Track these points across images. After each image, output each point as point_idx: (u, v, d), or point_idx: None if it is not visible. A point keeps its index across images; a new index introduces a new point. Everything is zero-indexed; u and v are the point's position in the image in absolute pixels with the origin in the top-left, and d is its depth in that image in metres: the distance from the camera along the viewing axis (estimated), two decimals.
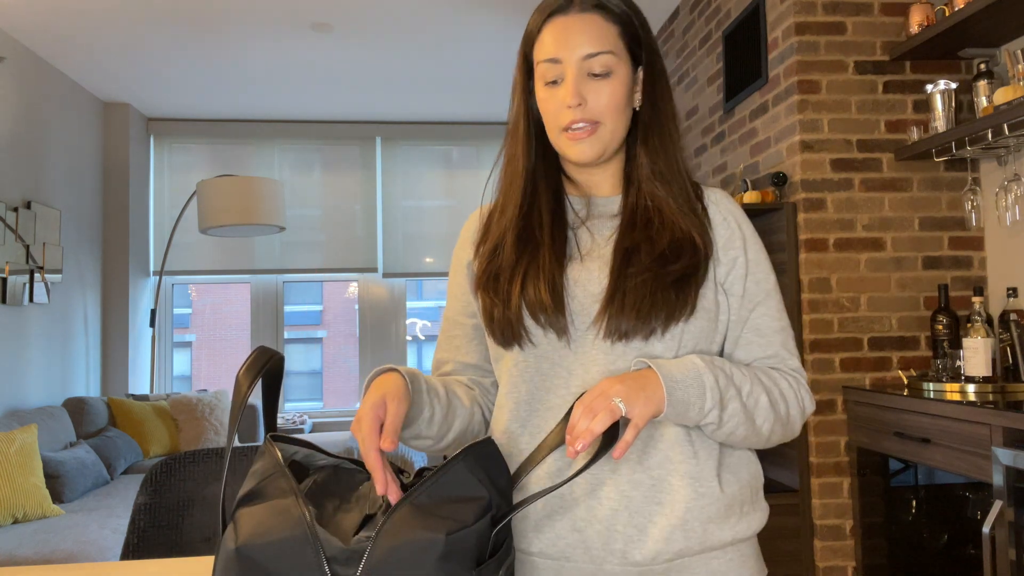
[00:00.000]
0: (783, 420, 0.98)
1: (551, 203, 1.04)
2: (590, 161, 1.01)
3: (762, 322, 1.02)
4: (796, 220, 2.67)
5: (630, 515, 0.92)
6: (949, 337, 2.49)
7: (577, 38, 0.97)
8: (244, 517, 0.80)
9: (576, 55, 0.97)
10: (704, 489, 0.94)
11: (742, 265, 1.02)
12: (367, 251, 5.53)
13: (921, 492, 2.42)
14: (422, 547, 0.75)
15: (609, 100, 0.98)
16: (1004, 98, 2.21)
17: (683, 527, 0.92)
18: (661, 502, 0.93)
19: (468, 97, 5.10)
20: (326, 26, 3.88)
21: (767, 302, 1.03)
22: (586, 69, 0.98)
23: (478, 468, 0.82)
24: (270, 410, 0.95)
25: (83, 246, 4.71)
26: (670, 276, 0.95)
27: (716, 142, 3.40)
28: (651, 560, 0.92)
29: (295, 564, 0.75)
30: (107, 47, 4.13)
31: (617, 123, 1.00)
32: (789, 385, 1.00)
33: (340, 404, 11.95)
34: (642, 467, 0.94)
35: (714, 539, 0.94)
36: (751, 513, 0.99)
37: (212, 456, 1.72)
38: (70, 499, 3.53)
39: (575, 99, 0.97)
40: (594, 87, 0.98)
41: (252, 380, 0.87)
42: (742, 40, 3.07)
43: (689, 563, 0.94)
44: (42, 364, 4.18)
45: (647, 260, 0.96)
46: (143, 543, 1.62)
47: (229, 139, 5.49)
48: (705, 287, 0.99)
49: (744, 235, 1.04)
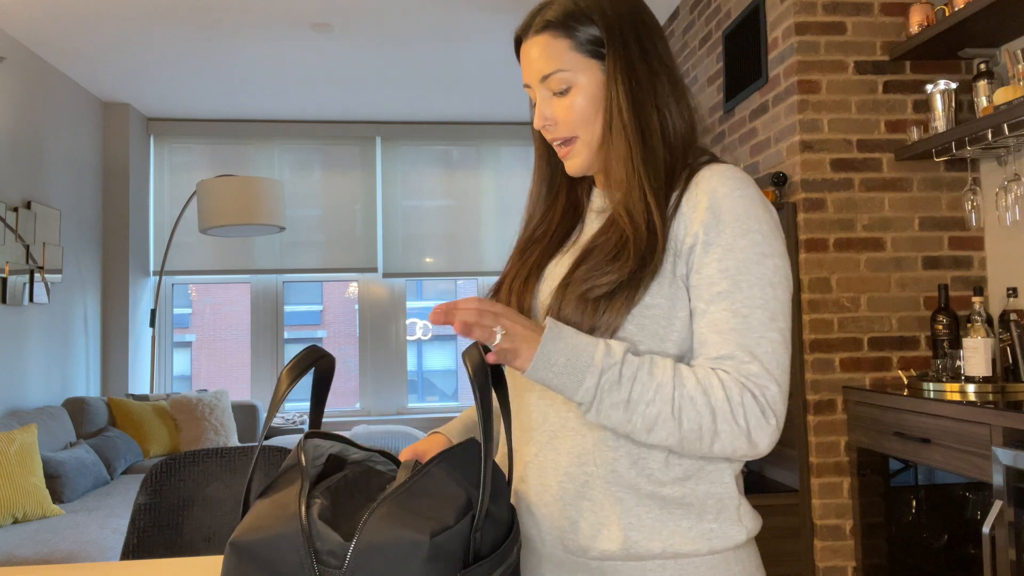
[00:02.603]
0: (700, 435, 0.87)
1: (566, 200, 1.09)
2: (582, 173, 1.03)
3: (719, 317, 0.90)
4: (796, 220, 2.67)
5: (563, 506, 0.94)
6: (949, 337, 2.49)
7: (533, 62, 1.00)
8: (252, 509, 0.83)
9: (535, 79, 1.01)
10: (622, 494, 0.92)
11: (699, 254, 0.92)
12: (367, 251, 5.53)
13: (921, 492, 2.42)
14: (407, 548, 0.75)
15: (569, 114, 0.99)
16: (1004, 98, 2.21)
17: (607, 527, 0.92)
18: (590, 498, 0.93)
19: (468, 97, 5.10)
20: (326, 26, 3.88)
21: (731, 295, 0.90)
22: (549, 89, 1.00)
23: (456, 470, 0.83)
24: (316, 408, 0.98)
25: (83, 246, 4.71)
26: (601, 288, 0.92)
27: (716, 142, 3.40)
28: (583, 553, 0.93)
29: (283, 559, 0.76)
30: (107, 47, 4.13)
31: (592, 133, 1.00)
32: (726, 397, 0.87)
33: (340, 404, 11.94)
34: (579, 461, 0.94)
35: (638, 548, 0.91)
36: (698, 530, 0.92)
37: (212, 456, 1.72)
38: (70, 499, 3.53)
39: (540, 122, 1.01)
40: (558, 105, 1.00)
41: (294, 379, 0.88)
42: (742, 40, 3.07)
43: (620, 568, 0.92)
44: (42, 364, 4.19)
45: (592, 262, 0.95)
46: (143, 543, 1.62)
47: (229, 139, 5.49)
48: (656, 283, 0.93)
49: (717, 217, 0.92)
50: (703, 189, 0.94)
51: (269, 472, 1.68)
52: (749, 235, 0.91)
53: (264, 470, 1.68)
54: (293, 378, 0.88)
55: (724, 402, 0.87)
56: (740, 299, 0.90)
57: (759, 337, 0.89)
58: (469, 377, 0.84)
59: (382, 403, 5.54)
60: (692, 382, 0.88)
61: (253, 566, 0.77)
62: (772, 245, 0.92)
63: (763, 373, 0.88)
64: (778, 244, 0.93)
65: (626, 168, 0.97)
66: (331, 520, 0.79)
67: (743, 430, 0.87)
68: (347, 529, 0.78)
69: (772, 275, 0.91)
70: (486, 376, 0.83)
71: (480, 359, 0.84)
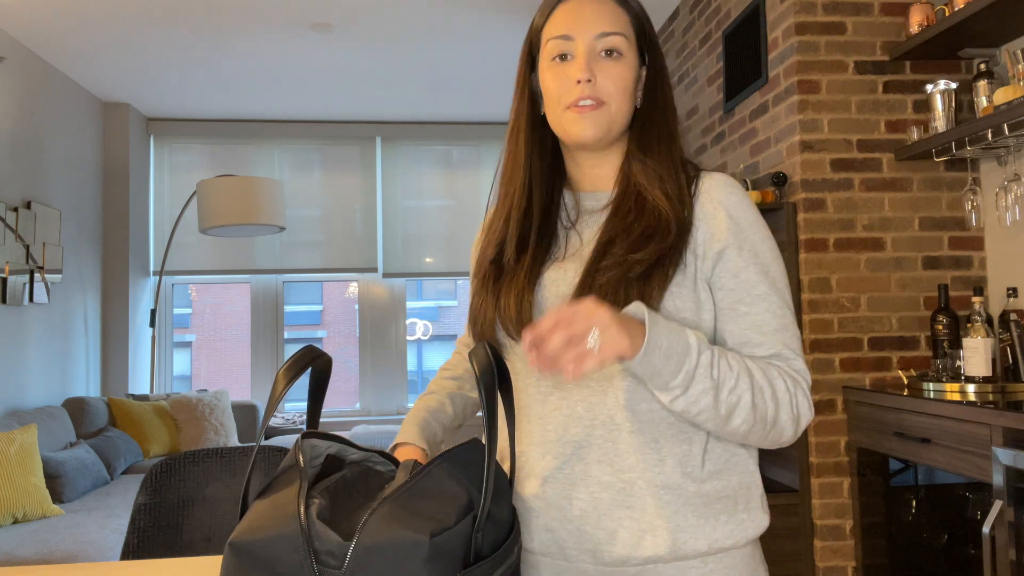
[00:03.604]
0: (765, 422, 0.91)
1: (546, 202, 1.05)
2: (591, 140, 0.98)
3: (763, 319, 0.95)
4: (796, 220, 2.67)
5: (599, 517, 0.92)
6: (949, 337, 2.49)
7: (592, 17, 0.98)
8: (250, 510, 0.82)
9: (590, 33, 0.97)
10: (669, 497, 0.92)
11: (733, 257, 0.95)
12: (367, 251, 5.53)
13: (921, 492, 2.42)
14: (407, 548, 0.75)
15: (618, 80, 0.98)
16: (1004, 98, 2.21)
17: (652, 532, 0.91)
18: (631, 506, 0.92)
19: (468, 97, 5.10)
20: (326, 26, 3.88)
21: (769, 297, 0.96)
22: (599, 48, 0.98)
23: (457, 470, 0.83)
24: (313, 408, 0.98)
25: (83, 246, 4.71)
26: (637, 268, 0.92)
27: (716, 142, 3.40)
28: (622, 563, 0.92)
29: (282, 559, 0.76)
30: (107, 47, 4.13)
31: (622, 106, 0.99)
32: (786, 388, 0.92)
33: (340, 404, 11.94)
34: (612, 470, 0.93)
35: (686, 548, 0.91)
36: (735, 522, 0.94)
37: (212, 456, 1.72)
38: (70, 499, 3.53)
39: (586, 73, 0.96)
40: (604, 66, 0.97)
41: (290, 379, 0.88)
42: (742, 40, 3.07)
43: (663, 570, 0.92)
44: (42, 364, 4.19)
45: (620, 251, 0.94)
46: (143, 543, 1.62)
47: (229, 139, 5.50)
48: (682, 285, 0.94)
49: (738, 224, 0.96)
50: (715, 198, 0.98)
51: (268, 472, 1.68)
52: (766, 241, 0.99)
53: (264, 470, 1.68)
54: (290, 378, 0.88)
55: (785, 393, 0.93)
56: (776, 301, 0.96)
57: (793, 335, 0.97)
58: (476, 377, 0.83)
59: (382, 403, 5.54)
60: (759, 373, 0.92)
61: (252, 566, 0.77)
62: (775, 247, 1.01)
63: (804, 369, 0.97)
64: (775, 247, 1.02)
65: (667, 160, 1.00)
66: (330, 520, 0.79)
67: (794, 419, 0.93)
68: (346, 529, 0.78)
69: (784, 275, 1.00)
70: (493, 377, 0.82)
71: (488, 359, 0.82)
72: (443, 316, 13.23)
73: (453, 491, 0.81)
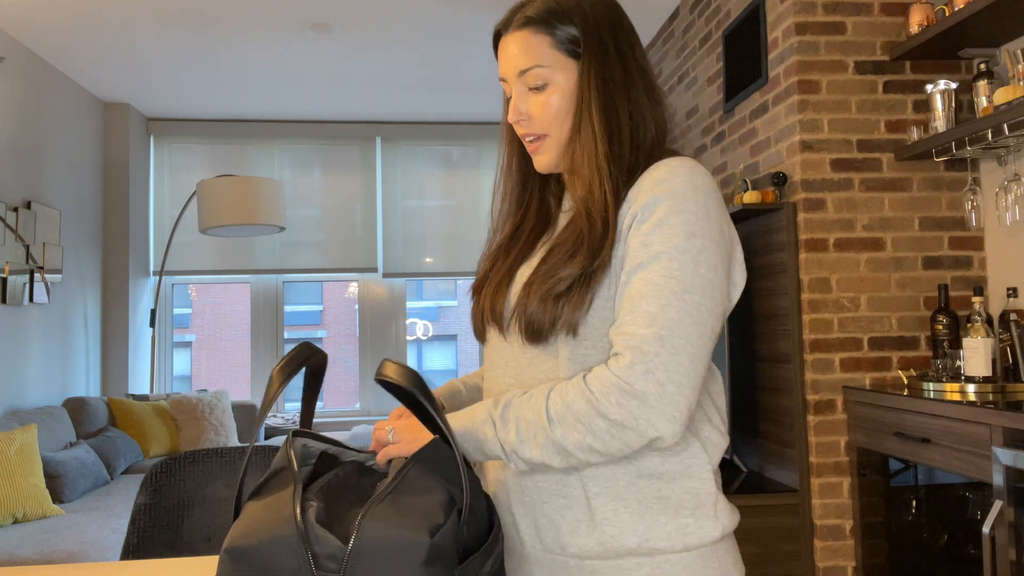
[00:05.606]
0: (593, 449, 0.87)
1: (538, 203, 1.11)
2: (550, 170, 1.05)
3: (636, 287, 0.89)
4: (796, 220, 2.67)
5: (541, 504, 0.96)
6: (949, 337, 2.49)
7: (513, 55, 1.01)
8: (244, 512, 0.82)
9: (513, 73, 1.02)
10: (598, 488, 0.93)
11: (635, 229, 0.92)
12: (367, 251, 5.53)
13: (921, 492, 2.42)
14: (406, 548, 0.75)
15: (544, 111, 1.00)
16: (1004, 98, 2.21)
17: (584, 523, 0.93)
18: (566, 496, 0.95)
19: (468, 97, 5.10)
20: (326, 26, 3.88)
21: (651, 265, 0.88)
22: (525, 84, 1.01)
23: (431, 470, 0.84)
24: (308, 406, 0.99)
25: (83, 246, 4.71)
26: (561, 285, 0.94)
27: (716, 142, 3.40)
28: (561, 550, 0.95)
29: (280, 564, 0.75)
30: (107, 47, 4.13)
31: (562, 131, 1.01)
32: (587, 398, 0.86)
33: (340, 404, 11.94)
34: None
35: (615, 544, 0.91)
36: (675, 525, 0.92)
37: (212, 456, 1.72)
38: (70, 499, 3.53)
39: (514, 115, 1.02)
40: (534, 100, 1.01)
41: (285, 377, 0.88)
42: (742, 40, 3.07)
43: (598, 567, 0.93)
44: (42, 364, 4.19)
45: (553, 260, 0.97)
46: (143, 543, 1.62)
47: (229, 139, 5.49)
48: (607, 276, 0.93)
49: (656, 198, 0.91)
50: (649, 175, 0.94)
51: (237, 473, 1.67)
52: (682, 214, 0.89)
53: (263, 470, 1.68)
54: (284, 377, 0.88)
55: (585, 403, 0.86)
56: (657, 269, 0.88)
57: (665, 304, 0.86)
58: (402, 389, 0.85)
59: (382, 403, 5.54)
60: (557, 406, 0.89)
61: (249, 572, 0.76)
62: (705, 228, 0.90)
63: (654, 339, 0.85)
64: (713, 230, 0.90)
65: (590, 166, 0.97)
66: (327, 522, 0.78)
67: (616, 422, 0.85)
68: (342, 530, 0.78)
69: (698, 253, 0.88)
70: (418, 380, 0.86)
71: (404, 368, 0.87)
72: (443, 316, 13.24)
73: (433, 489, 0.82)
